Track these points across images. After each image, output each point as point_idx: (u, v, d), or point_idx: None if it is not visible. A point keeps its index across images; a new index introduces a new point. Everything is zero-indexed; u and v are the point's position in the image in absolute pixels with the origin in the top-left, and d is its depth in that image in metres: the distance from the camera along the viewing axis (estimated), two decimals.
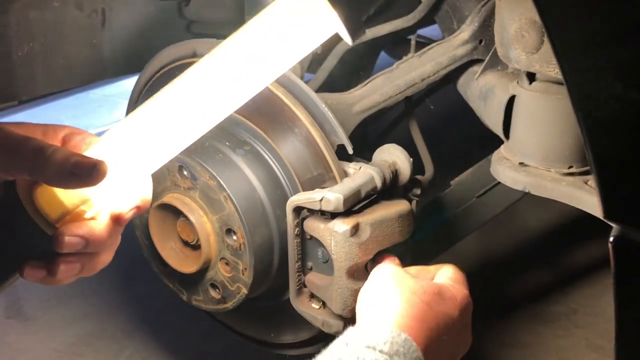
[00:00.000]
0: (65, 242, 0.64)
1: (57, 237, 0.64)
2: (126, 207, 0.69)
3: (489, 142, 1.20)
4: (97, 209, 0.68)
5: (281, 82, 0.97)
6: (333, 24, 0.65)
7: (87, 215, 0.68)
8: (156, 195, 1.03)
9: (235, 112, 1.01)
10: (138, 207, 0.69)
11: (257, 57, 0.66)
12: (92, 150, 0.67)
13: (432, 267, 0.85)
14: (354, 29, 0.64)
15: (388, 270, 0.80)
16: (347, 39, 0.67)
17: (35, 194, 0.66)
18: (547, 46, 0.94)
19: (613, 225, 0.53)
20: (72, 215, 0.67)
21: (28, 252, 0.67)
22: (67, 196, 0.66)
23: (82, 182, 0.62)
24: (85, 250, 0.67)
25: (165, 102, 0.68)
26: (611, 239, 0.52)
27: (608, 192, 0.52)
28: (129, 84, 1.31)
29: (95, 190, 0.66)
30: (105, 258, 0.71)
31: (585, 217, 0.94)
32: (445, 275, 0.81)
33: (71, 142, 0.69)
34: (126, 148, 0.67)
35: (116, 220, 0.69)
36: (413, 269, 0.85)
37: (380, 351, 0.64)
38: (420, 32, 1.51)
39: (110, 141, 0.68)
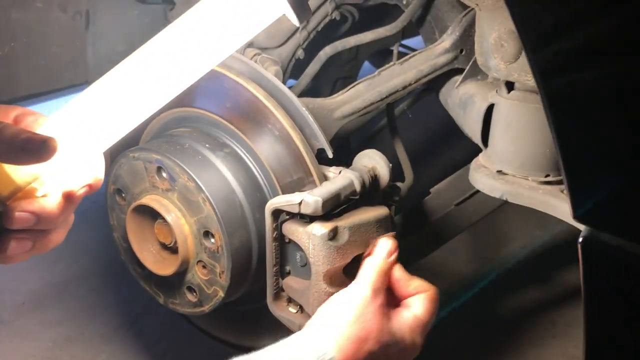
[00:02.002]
0: (15, 218, 0.65)
1: (7, 213, 0.65)
2: (78, 185, 0.69)
3: (469, 151, 1.21)
4: (48, 186, 0.68)
5: (263, 85, 0.97)
6: (280, 5, 0.68)
7: (38, 193, 0.68)
8: (134, 196, 1.02)
9: (216, 114, 1.02)
10: (90, 186, 0.70)
11: (206, 37, 0.68)
12: (43, 128, 0.68)
13: (413, 284, 0.84)
14: (300, 10, 0.66)
15: (367, 291, 0.79)
16: (294, 20, 0.69)
17: None
18: (525, 56, 0.95)
19: (582, 226, 0.54)
20: (23, 193, 0.67)
21: None
22: (18, 173, 0.66)
23: (32, 157, 0.63)
24: (37, 227, 0.67)
25: (115, 80, 0.69)
26: (580, 240, 0.53)
27: (577, 195, 0.53)
28: None
29: (46, 167, 0.66)
30: (58, 237, 0.71)
31: (564, 229, 0.96)
32: (415, 312, 0.81)
33: (23, 123, 0.69)
34: (77, 126, 0.67)
35: (68, 197, 0.69)
36: (398, 273, 0.85)
37: None
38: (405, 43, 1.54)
39: (61, 119, 0.68)
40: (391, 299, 0.83)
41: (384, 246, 0.86)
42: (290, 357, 0.70)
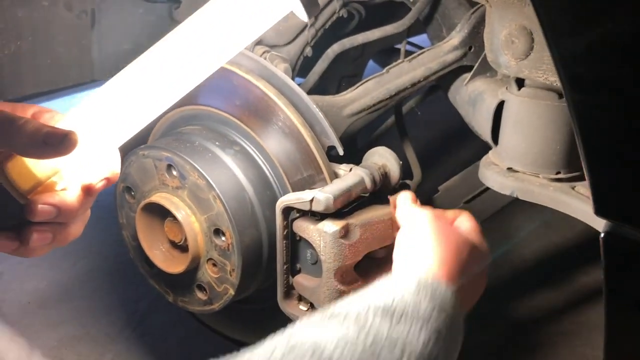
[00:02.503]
0: (37, 210, 0.66)
1: (30, 206, 0.66)
2: (96, 179, 0.70)
3: (477, 148, 1.21)
4: (68, 180, 0.70)
5: (273, 82, 0.97)
6: (289, 2, 0.68)
7: (58, 187, 0.69)
8: (144, 194, 1.02)
9: (226, 111, 1.02)
10: (107, 179, 0.71)
11: (217, 34, 0.69)
12: (61, 124, 0.69)
13: (450, 212, 0.85)
14: (309, 5, 0.66)
15: (426, 214, 0.80)
16: (302, 16, 0.69)
17: (7, 166, 0.67)
18: (536, 52, 0.95)
19: (604, 221, 0.53)
20: (44, 187, 0.68)
21: (1, 223, 0.68)
22: (39, 168, 0.67)
23: (54, 151, 0.64)
24: (57, 220, 0.68)
25: (128, 77, 0.69)
26: (602, 234, 0.53)
27: (599, 188, 0.53)
28: None
29: (65, 162, 0.67)
30: (76, 229, 0.72)
31: (569, 224, 0.95)
32: (466, 225, 0.82)
33: (40, 120, 0.70)
34: (94, 121, 0.69)
35: (87, 191, 0.70)
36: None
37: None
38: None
39: (78, 115, 0.69)
40: None
41: (405, 194, 0.88)
42: (392, 283, 0.67)
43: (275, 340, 0.56)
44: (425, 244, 0.73)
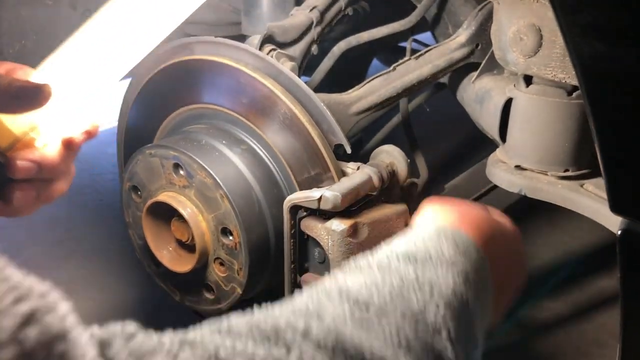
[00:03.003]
0: (17, 167, 0.65)
1: (10, 163, 0.65)
2: (76, 132, 0.69)
3: (484, 146, 1.20)
4: (46, 136, 0.69)
5: (280, 81, 0.96)
6: None
7: (37, 144, 0.69)
8: (150, 193, 1.02)
9: (232, 110, 1.01)
10: (88, 132, 0.70)
11: None
12: (34, 77, 0.68)
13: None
14: None
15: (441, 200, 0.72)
16: None
17: None
18: (545, 49, 0.95)
19: (618, 218, 0.53)
20: (23, 144, 0.68)
21: None
22: (15, 124, 0.66)
23: (28, 105, 0.63)
24: (40, 176, 0.68)
25: (95, 31, 0.69)
26: (618, 232, 0.52)
27: (615, 185, 0.52)
28: (121, 86, 1.30)
29: (42, 117, 0.66)
30: (61, 186, 0.72)
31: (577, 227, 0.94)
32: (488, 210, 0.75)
33: (14, 75, 0.69)
34: (68, 73, 0.68)
35: (67, 145, 0.69)
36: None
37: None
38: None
39: (50, 70, 0.69)
40: None
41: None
42: (410, 234, 0.61)
43: (304, 295, 0.52)
44: (443, 209, 0.66)
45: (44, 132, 0.69)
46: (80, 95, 0.69)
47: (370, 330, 0.45)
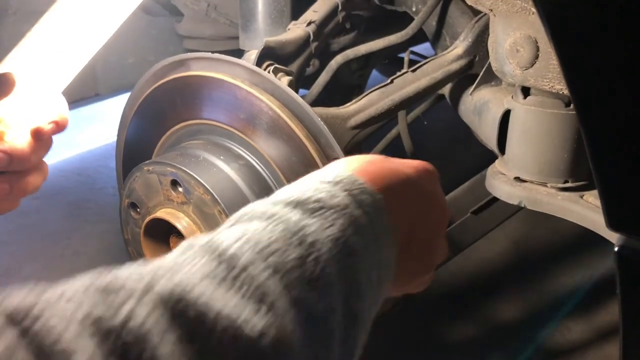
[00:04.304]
0: None
1: None
2: (44, 122, 0.69)
3: (483, 157, 1.20)
4: (14, 128, 0.69)
5: (277, 95, 0.97)
6: None
7: (7, 137, 0.69)
8: (149, 210, 1.01)
9: (230, 125, 1.01)
10: (56, 123, 0.70)
11: None
12: None
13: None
14: None
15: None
16: None
17: None
18: (541, 61, 0.94)
19: (617, 235, 0.53)
20: None
21: None
22: None
23: None
24: (11, 169, 0.67)
25: (62, 17, 0.70)
26: (616, 248, 0.52)
27: (611, 202, 0.52)
28: (120, 101, 1.30)
29: (8, 109, 0.66)
30: (35, 180, 0.71)
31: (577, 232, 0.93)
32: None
33: None
34: (32, 64, 0.68)
35: (36, 135, 0.69)
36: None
37: (327, 182, 0.53)
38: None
39: (15, 59, 0.69)
40: None
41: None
42: (300, 181, 0.56)
43: (175, 251, 0.46)
44: (345, 160, 0.59)
45: (10, 125, 0.69)
46: (45, 85, 0.69)
47: (229, 288, 0.41)
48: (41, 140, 0.69)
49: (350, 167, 0.56)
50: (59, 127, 0.70)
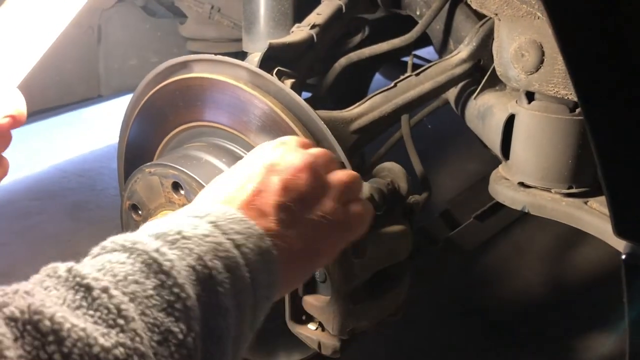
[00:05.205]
0: None
1: None
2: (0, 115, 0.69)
3: (487, 162, 1.19)
4: None
5: (280, 98, 0.96)
6: None
7: None
8: (150, 212, 1.01)
9: (232, 127, 1.01)
10: (13, 117, 0.69)
11: None
12: None
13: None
14: None
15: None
16: None
17: None
18: (546, 66, 0.94)
19: (624, 242, 0.52)
20: None
21: None
22: None
23: None
24: None
25: (13, 11, 0.70)
26: (623, 256, 0.51)
27: (619, 209, 0.51)
28: (122, 103, 1.30)
29: None
30: None
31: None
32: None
33: None
34: None
35: None
36: None
37: (198, 217, 0.58)
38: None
39: None
40: None
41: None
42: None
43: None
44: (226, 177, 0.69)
45: None
46: None
47: (84, 313, 0.44)
48: None
49: (218, 198, 0.62)
50: (16, 121, 0.69)
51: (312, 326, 0.93)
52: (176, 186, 0.97)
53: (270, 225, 0.61)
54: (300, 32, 1.18)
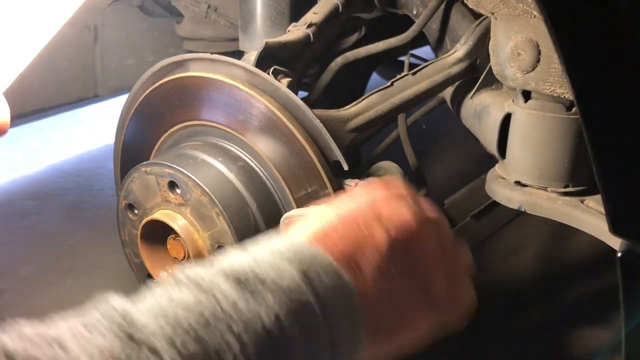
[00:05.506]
0: None
1: None
2: None
3: (483, 161, 1.19)
4: None
5: (276, 97, 0.96)
6: None
7: None
8: (146, 211, 1.01)
9: (228, 127, 1.01)
10: None
11: None
12: None
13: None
14: None
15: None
16: None
17: None
18: (543, 65, 0.94)
19: (620, 240, 0.52)
20: None
21: None
22: None
23: None
24: None
25: (9, 12, 0.69)
26: (619, 254, 0.51)
27: (615, 207, 0.51)
28: (119, 103, 1.30)
29: None
30: None
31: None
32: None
33: None
34: None
35: None
36: None
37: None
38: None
39: None
40: None
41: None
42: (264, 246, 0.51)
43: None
44: (323, 212, 0.54)
45: None
46: None
47: None
48: None
49: (311, 235, 0.51)
50: None
51: None
52: (172, 185, 0.96)
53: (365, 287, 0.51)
54: (296, 31, 1.17)
